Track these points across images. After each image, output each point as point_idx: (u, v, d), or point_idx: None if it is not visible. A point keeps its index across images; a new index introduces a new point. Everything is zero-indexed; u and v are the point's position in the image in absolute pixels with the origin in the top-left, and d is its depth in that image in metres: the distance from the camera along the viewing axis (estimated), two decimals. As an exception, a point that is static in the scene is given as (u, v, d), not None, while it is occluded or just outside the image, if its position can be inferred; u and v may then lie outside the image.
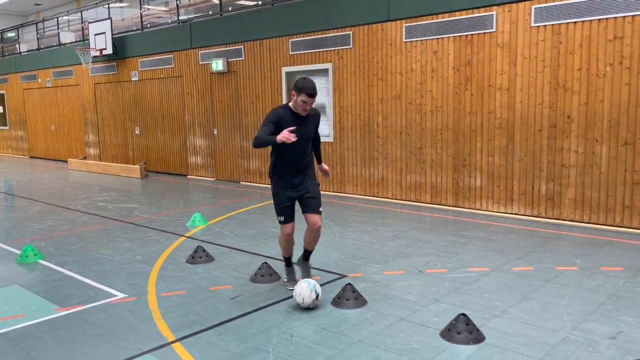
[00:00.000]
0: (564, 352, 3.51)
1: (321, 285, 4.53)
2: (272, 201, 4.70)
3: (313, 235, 4.70)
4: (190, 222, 7.51)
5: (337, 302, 4.41)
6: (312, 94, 4.35)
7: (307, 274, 4.83)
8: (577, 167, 6.98)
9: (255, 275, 5.07)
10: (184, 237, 6.78)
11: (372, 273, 5.24)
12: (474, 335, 3.70)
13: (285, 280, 4.91)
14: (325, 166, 4.98)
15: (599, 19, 6.61)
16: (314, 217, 4.62)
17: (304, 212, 4.68)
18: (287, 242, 4.79)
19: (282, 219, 4.66)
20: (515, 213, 7.59)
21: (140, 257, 5.94)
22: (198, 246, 5.83)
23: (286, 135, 4.04)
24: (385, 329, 3.92)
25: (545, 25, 7.04)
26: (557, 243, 6.18)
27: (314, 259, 5.25)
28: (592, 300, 4.39)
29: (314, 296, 4.27)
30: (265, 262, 5.17)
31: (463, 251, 5.92)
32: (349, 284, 4.50)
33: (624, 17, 6.43)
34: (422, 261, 5.58)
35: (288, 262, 4.93)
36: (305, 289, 4.29)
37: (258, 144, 4.28)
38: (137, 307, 4.42)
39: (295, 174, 4.57)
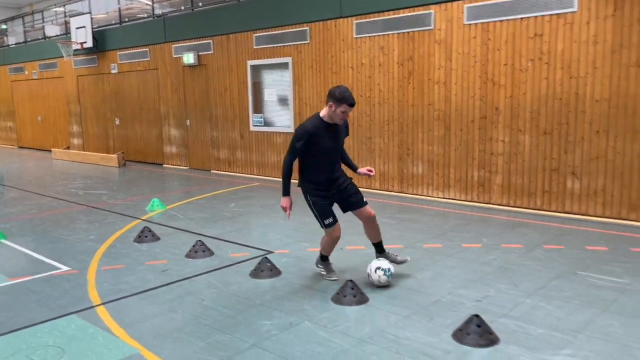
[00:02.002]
0: (430, 311, 4.08)
1: (247, 260, 5.08)
2: (311, 210, 4.62)
3: (373, 227, 4.71)
4: (149, 207, 8.08)
5: (254, 273, 4.98)
6: (353, 103, 4.29)
7: (393, 260, 4.85)
8: (504, 156, 7.52)
9: (190, 251, 5.65)
10: (140, 220, 7.35)
11: (298, 250, 5.81)
12: (358, 298, 4.27)
13: (324, 273, 4.87)
14: (363, 170, 4.73)
15: (522, 18, 7.12)
16: (365, 210, 4.62)
17: (351, 210, 4.67)
18: (334, 244, 4.72)
19: (331, 220, 4.54)
20: (451, 198, 8.15)
21: (93, 236, 6.52)
22: (144, 227, 6.41)
23: (285, 210, 4.53)
24: (287, 295, 4.50)
25: (476, 24, 7.55)
26: (477, 224, 6.75)
27: (260, 240, 5.77)
28: (479, 271, 4.96)
29: (383, 278, 4.49)
30: (200, 240, 5.75)
31: (388, 231, 6.46)
32: (266, 257, 5.09)
33: (543, 16, 6.94)
34: (347, 240, 6.14)
35: (325, 259, 4.91)
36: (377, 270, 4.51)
37: (284, 171, 4.50)
38: (76, 278, 5.00)
39: (326, 179, 4.53)
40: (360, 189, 4.86)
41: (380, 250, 4.85)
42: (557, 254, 5.44)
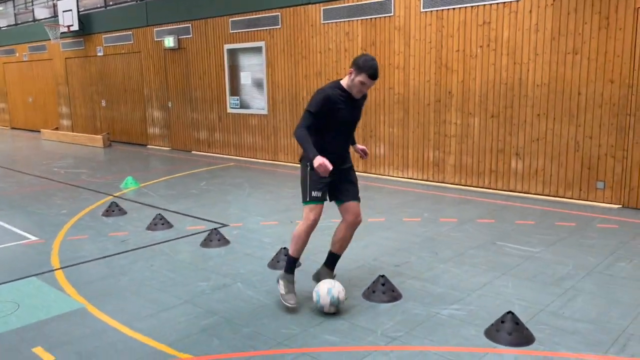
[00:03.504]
0: (351, 274, 4.55)
1: (202, 232, 5.53)
2: (301, 180, 3.94)
3: (349, 233, 4.07)
4: (124, 184, 8.55)
5: (204, 243, 5.46)
6: (374, 75, 3.69)
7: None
8: (456, 137, 7.95)
9: (150, 224, 6.12)
10: (112, 196, 7.83)
11: (251, 223, 6.28)
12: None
13: (284, 292, 3.91)
14: (359, 146, 4.23)
15: (472, 6, 7.48)
16: (355, 207, 4.01)
17: (341, 200, 4.03)
18: (308, 234, 3.93)
19: (319, 194, 3.84)
20: (410, 177, 8.60)
21: (65, 211, 7.00)
22: (112, 202, 6.89)
23: (322, 168, 3.56)
24: (228, 261, 4.97)
25: (431, 11, 7.92)
26: (425, 201, 7.21)
27: (219, 214, 6.14)
28: (408, 241, 5.43)
29: (332, 309, 3.79)
30: (160, 214, 6.23)
31: (333, 205, 6.92)
32: (215, 229, 5.56)
33: (491, 4, 7.31)
34: (299, 215, 6.60)
35: (292, 266, 4.01)
36: (324, 296, 3.76)
37: (299, 139, 3.69)
38: (42, 247, 5.49)
39: (337, 157, 3.89)
40: None
41: (332, 266, 4.19)
42: (486, 227, 5.91)
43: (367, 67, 3.67)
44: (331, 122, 3.82)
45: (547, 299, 3.99)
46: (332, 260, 4.18)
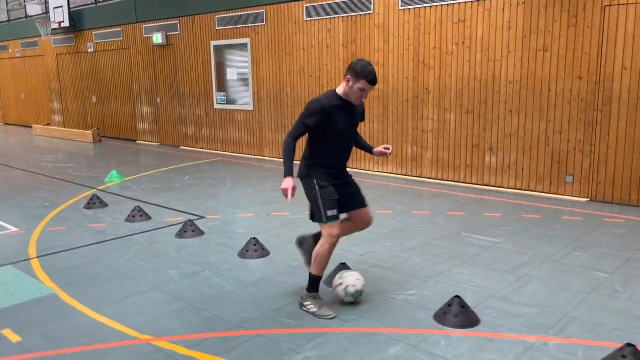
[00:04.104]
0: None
1: (179, 224, 5.68)
2: (310, 200, 3.82)
3: (357, 231, 4.11)
4: (108, 178, 8.70)
5: (179, 234, 5.62)
6: (373, 81, 3.65)
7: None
8: (433, 132, 8.11)
9: (129, 216, 6.28)
10: (95, 190, 7.98)
11: (228, 216, 6.45)
12: (259, 253, 4.92)
13: (316, 310, 3.76)
14: (379, 149, 4.13)
15: (448, 4, 7.64)
16: (366, 213, 4.01)
17: (351, 209, 3.98)
18: (330, 252, 3.77)
19: (335, 212, 3.75)
20: (390, 172, 8.77)
21: (48, 204, 7.15)
22: (94, 195, 7.04)
23: (284, 193, 3.64)
24: (200, 251, 5.14)
25: (409, 9, 8.07)
26: (401, 195, 7.38)
27: (197, 207, 6.31)
28: (377, 232, 5.59)
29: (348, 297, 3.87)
30: (138, 206, 6.38)
31: (317, 201, 7.11)
32: (190, 220, 5.73)
33: (465, 3, 7.46)
34: (276, 208, 6.79)
35: (317, 284, 3.84)
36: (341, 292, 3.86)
37: (284, 150, 3.71)
38: (22, 237, 5.65)
39: (337, 168, 3.90)
40: None
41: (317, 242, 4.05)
42: (455, 219, 6.08)
43: (366, 74, 3.62)
44: (330, 132, 3.76)
45: (499, 286, 4.16)
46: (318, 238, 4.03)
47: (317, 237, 4.08)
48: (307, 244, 4.17)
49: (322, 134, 3.76)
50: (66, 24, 14.91)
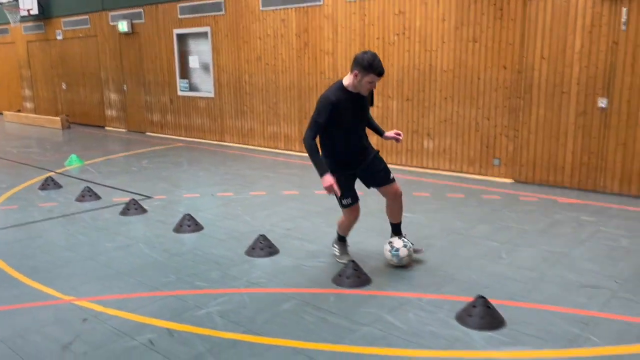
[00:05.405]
0: (244, 236, 5.13)
1: (124, 203, 6.06)
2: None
3: (396, 204, 4.35)
4: (68, 162, 9.02)
5: (122, 212, 6.00)
6: (382, 73, 3.79)
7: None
8: (377, 119, 8.53)
9: (79, 196, 6.63)
10: (54, 173, 8.30)
11: (174, 196, 6.83)
12: (192, 227, 5.32)
13: (337, 254, 4.49)
14: (390, 133, 4.28)
15: (390, -4, 8.06)
16: (392, 188, 4.25)
17: (375, 186, 4.28)
18: (351, 225, 4.32)
19: (350, 200, 4.10)
20: (339, 157, 9.19)
21: (5, 185, 7.48)
22: (48, 177, 7.38)
23: (329, 189, 3.79)
24: (139, 227, 5.53)
25: (355, 1, 8.45)
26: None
27: (148, 188, 6.67)
28: (310, 210, 6.02)
29: (394, 260, 4.22)
30: (88, 186, 6.74)
31: (258, 181, 7.54)
32: (133, 199, 6.11)
33: (406, -5, 7.88)
34: (221, 189, 7.18)
35: (342, 239, 4.52)
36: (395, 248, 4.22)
37: (308, 151, 3.83)
38: (-27, 215, 6.00)
39: (353, 153, 4.08)
40: (265, 150, 5.71)
41: (397, 232, 4.49)
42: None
43: (374, 67, 3.75)
44: (341, 125, 3.90)
45: (401, 254, 4.62)
46: (394, 228, 4.50)
47: (394, 232, 4.51)
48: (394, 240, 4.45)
49: (332, 127, 3.91)
50: (35, 11, 15.04)
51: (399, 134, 4.24)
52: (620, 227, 5.24)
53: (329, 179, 3.80)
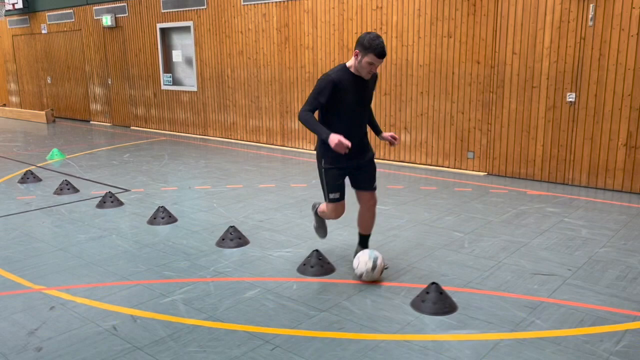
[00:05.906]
0: (217, 227, 5.24)
1: (103, 195, 6.14)
2: (320, 178, 4.03)
3: (368, 214, 4.17)
4: (49, 156, 9.07)
5: (99, 204, 6.09)
6: (382, 54, 3.59)
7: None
8: (356, 113, 8.65)
9: (57, 189, 6.70)
10: (34, 167, 8.36)
11: (152, 189, 6.92)
12: (165, 220, 5.42)
13: (316, 226, 4.47)
14: (387, 135, 4.06)
15: (367, -8, 8.15)
16: (370, 194, 4.10)
17: (355, 187, 4.12)
18: (332, 219, 4.19)
19: (337, 195, 3.96)
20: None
21: (-16, 179, 7.55)
22: (27, 170, 7.44)
23: (340, 147, 3.49)
24: (114, 219, 5.62)
25: (334, -5, 8.57)
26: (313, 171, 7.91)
27: (126, 182, 6.75)
28: (283, 202, 6.13)
29: (370, 264, 3.89)
30: (66, 180, 6.81)
31: (236, 174, 7.64)
32: (109, 192, 6.19)
33: (383, -10, 7.98)
34: (200, 182, 7.28)
35: (321, 219, 4.43)
36: (364, 254, 3.95)
37: (305, 123, 3.63)
38: (-50, 207, 6.06)
39: (354, 147, 3.80)
40: (248, 143, 5.80)
41: (364, 245, 4.32)
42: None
43: (374, 47, 3.57)
44: (340, 109, 3.73)
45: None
46: (361, 240, 4.33)
47: (361, 243, 4.36)
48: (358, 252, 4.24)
49: (332, 110, 3.75)
50: (19, 5, 15.00)
51: (395, 138, 4.07)
52: (583, 218, 5.40)
53: (334, 137, 3.52)
